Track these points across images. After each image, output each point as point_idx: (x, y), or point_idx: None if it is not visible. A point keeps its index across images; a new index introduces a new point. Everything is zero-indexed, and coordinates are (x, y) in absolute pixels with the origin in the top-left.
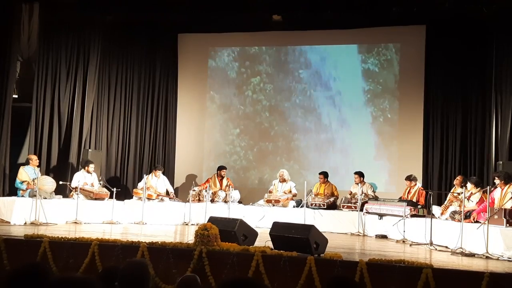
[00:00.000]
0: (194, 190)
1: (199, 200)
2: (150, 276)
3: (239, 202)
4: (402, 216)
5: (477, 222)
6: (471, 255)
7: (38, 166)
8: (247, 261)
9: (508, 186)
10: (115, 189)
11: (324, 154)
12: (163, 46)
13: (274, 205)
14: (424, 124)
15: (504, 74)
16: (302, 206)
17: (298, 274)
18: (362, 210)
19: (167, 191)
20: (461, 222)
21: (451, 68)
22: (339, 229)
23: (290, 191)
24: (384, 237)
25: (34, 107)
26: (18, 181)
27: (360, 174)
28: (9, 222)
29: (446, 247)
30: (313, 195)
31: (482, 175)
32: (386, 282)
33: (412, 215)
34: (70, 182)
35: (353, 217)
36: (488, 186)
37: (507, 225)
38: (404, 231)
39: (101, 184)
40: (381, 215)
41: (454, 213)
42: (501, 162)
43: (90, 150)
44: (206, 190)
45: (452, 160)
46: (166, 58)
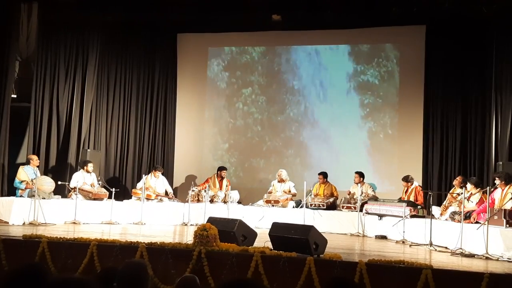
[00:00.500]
0: (193, 191)
1: (198, 200)
2: (149, 276)
3: (239, 203)
4: (401, 216)
5: (477, 222)
6: (471, 256)
7: (37, 166)
8: (246, 261)
9: (508, 186)
10: (114, 189)
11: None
12: (162, 46)
13: (273, 205)
14: (424, 124)
15: (504, 74)
16: (301, 207)
17: (297, 275)
18: (361, 210)
19: (166, 192)
20: (461, 222)
21: (451, 68)
22: (339, 229)
23: (290, 191)
24: (383, 237)
25: (33, 107)
26: (17, 181)
27: (360, 174)
28: (7, 222)
29: (446, 248)
30: (312, 196)
31: (482, 176)
32: (385, 283)
33: (411, 216)
34: (69, 182)
35: (352, 217)
36: (488, 187)
37: (507, 225)
38: (403, 232)
39: (100, 184)
40: (380, 216)
41: (454, 213)
42: (501, 163)
43: (89, 150)
44: (205, 190)
45: (452, 160)
46: (165, 58)
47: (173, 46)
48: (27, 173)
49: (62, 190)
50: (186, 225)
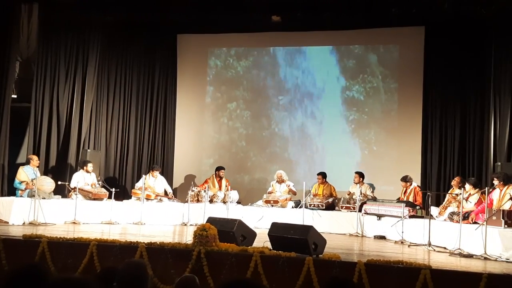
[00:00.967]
0: (193, 191)
1: (198, 200)
2: (148, 276)
3: (238, 203)
4: (400, 217)
5: (475, 223)
6: (469, 256)
7: (37, 167)
8: (246, 261)
9: (506, 187)
10: (114, 189)
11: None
12: (162, 47)
13: (272, 205)
14: (422, 124)
15: (502, 75)
16: (300, 207)
17: (296, 275)
18: (360, 210)
19: (165, 191)
20: (459, 223)
21: (450, 69)
22: (338, 229)
23: (290, 190)
24: (382, 237)
25: (33, 107)
26: (17, 181)
27: (360, 174)
28: (7, 222)
29: (445, 248)
30: (311, 196)
31: (481, 176)
32: (384, 283)
33: (410, 216)
34: (69, 182)
35: (351, 217)
36: (486, 187)
37: (506, 226)
38: (402, 232)
39: (100, 184)
40: (379, 216)
41: (453, 214)
42: (499, 163)
43: (89, 150)
44: (205, 191)
45: (450, 161)
46: (165, 58)
47: (173, 47)
48: (27, 173)
49: (62, 190)
50: (185, 225)
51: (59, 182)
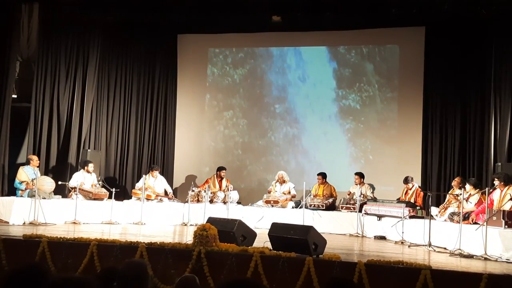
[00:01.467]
0: (193, 191)
1: (198, 200)
2: (148, 276)
3: (238, 203)
4: (400, 217)
5: (475, 223)
6: (470, 257)
7: (37, 167)
8: (246, 261)
9: (507, 187)
10: (114, 189)
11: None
12: (163, 47)
13: (273, 205)
14: (423, 125)
15: (503, 75)
16: (301, 207)
17: (296, 275)
18: (361, 211)
19: (165, 191)
20: (459, 223)
21: (450, 69)
22: (338, 230)
23: (289, 192)
24: (382, 238)
25: (33, 107)
26: (17, 181)
27: (360, 175)
28: (8, 222)
29: (445, 249)
30: (311, 196)
31: (481, 177)
32: (384, 283)
33: (410, 216)
34: (69, 182)
35: (351, 218)
36: (487, 188)
37: (506, 226)
38: (402, 232)
39: (100, 184)
40: (379, 216)
41: (453, 214)
42: (499, 164)
43: (89, 150)
44: (205, 191)
45: (451, 161)
46: (165, 58)
47: (173, 47)
48: (27, 173)
49: (62, 190)
50: (185, 225)
51: (59, 182)
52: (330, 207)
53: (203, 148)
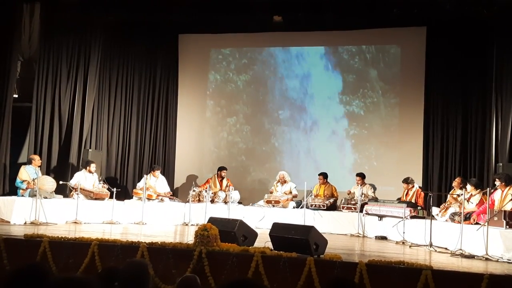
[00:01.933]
0: (194, 191)
1: (199, 200)
2: (150, 276)
3: (239, 203)
4: (401, 217)
5: (477, 223)
6: (471, 257)
7: (39, 166)
8: (247, 261)
9: (508, 188)
10: (115, 189)
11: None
12: (164, 47)
13: (274, 205)
14: (424, 125)
15: (504, 75)
16: (302, 207)
17: (297, 275)
18: (362, 211)
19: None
20: (460, 223)
21: (452, 69)
22: (339, 230)
23: (291, 192)
24: (383, 238)
25: (35, 107)
26: (18, 180)
27: (362, 176)
28: (9, 222)
29: (446, 249)
30: (313, 196)
31: (482, 177)
32: (385, 283)
33: (411, 217)
34: (70, 181)
35: (353, 218)
36: (488, 188)
37: (507, 227)
38: (403, 233)
39: (101, 183)
40: (380, 216)
41: (454, 214)
42: (501, 164)
43: (90, 150)
44: (206, 191)
45: (452, 161)
46: (166, 58)
47: (174, 47)
48: (29, 172)
49: (63, 190)
50: (187, 225)
51: (61, 182)
52: (331, 207)
53: (205, 152)
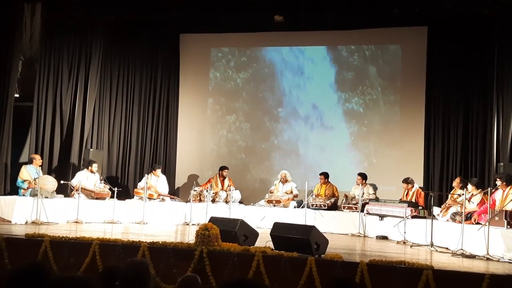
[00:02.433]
0: (195, 190)
1: (200, 200)
2: (151, 275)
3: (240, 202)
4: (402, 217)
5: (478, 223)
6: (472, 257)
7: (40, 166)
8: (248, 261)
9: (509, 187)
10: (116, 188)
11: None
12: (165, 46)
13: (275, 205)
14: (425, 125)
15: (506, 75)
16: (303, 207)
17: (298, 275)
18: (362, 211)
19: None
20: (461, 223)
21: (453, 69)
22: (340, 229)
23: (291, 192)
24: (384, 238)
25: (36, 107)
26: (19, 180)
27: (363, 176)
28: (10, 221)
29: (447, 249)
30: (314, 196)
31: (483, 177)
32: (386, 283)
33: (412, 216)
34: (72, 181)
35: (353, 218)
36: (489, 188)
37: (508, 226)
38: (404, 232)
39: (103, 183)
40: (381, 216)
41: (455, 214)
42: (502, 164)
43: (91, 149)
44: (207, 190)
45: (453, 161)
46: (167, 58)
47: (175, 46)
48: (30, 172)
49: (64, 190)
50: (188, 224)
51: (62, 182)
52: (332, 207)
53: (206, 152)
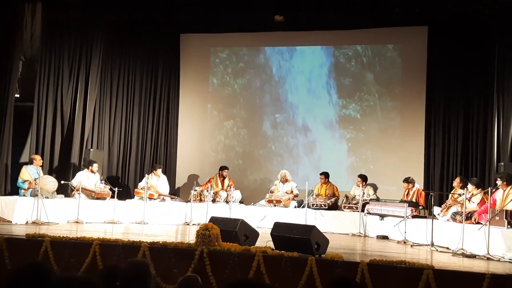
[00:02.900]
0: (195, 190)
1: (201, 200)
2: (151, 276)
3: (241, 202)
4: (403, 217)
5: (478, 223)
6: (472, 256)
7: (40, 166)
8: (248, 261)
9: (510, 187)
10: (117, 188)
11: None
12: (165, 46)
13: (275, 205)
14: (425, 124)
15: (506, 75)
16: (303, 207)
17: (299, 275)
18: (363, 210)
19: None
20: (462, 223)
21: (453, 69)
22: (340, 229)
23: (292, 192)
24: (385, 237)
25: (36, 107)
26: (20, 180)
27: (363, 178)
28: (10, 222)
29: (447, 248)
30: (314, 196)
31: (484, 176)
32: (387, 283)
33: (413, 216)
34: (72, 181)
35: (354, 217)
36: (489, 187)
37: (509, 226)
38: (405, 232)
39: (103, 183)
40: (382, 216)
41: (455, 214)
42: (502, 163)
43: (92, 149)
44: (207, 190)
45: (453, 161)
46: (168, 58)
47: (176, 46)
48: (30, 172)
49: (65, 190)
50: (188, 224)
51: (62, 182)
52: (333, 207)
53: (207, 153)
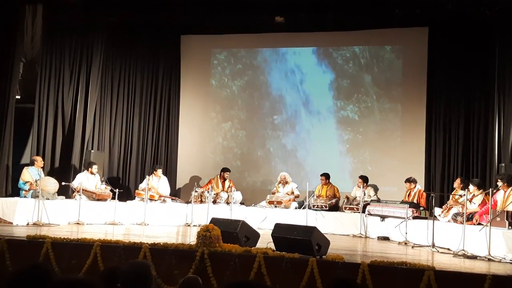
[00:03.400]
0: (196, 191)
1: (201, 201)
2: (152, 277)
3: (241, 204)
4: (404, 218)
5: (479, 224)
6: (473, 257)
7: (41, 167)
8: (249, 262)
9: (511, 188)
10: (118, 190)
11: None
12: (166, 48)
13: (276, 206)
14: (426, 125)
15: (507, 75)
16: (304, 208)
17: (300, 276)
18: (364, 211)
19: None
20: (463, 224)
21: (454, 69)
22: (341, 230)
23: (293, 193)
24: (386, 239)
25: (37, 108)
26: (21, 181)
27: (364, 179)
28: (11, 223)
29: (448, 249)
30: (315, 197)
31: (485, 177)
32: (388, 284)
33: (414, 217)
34: (72, 182)
35: (355, 218)
36: (490, 188)
37: (510, 227)
38: (406, 233)
39: (104, 184)
40: (383, 217)
41: (456, 215)
42: (503, 164)
43: (92, 151)
44: (208, 191)
45: (454, 162)
46: (168, 59)
47: (176, 48)
48: (31, 174)
49: (66, 191)
50: (189, 225)
51: (63, 183)
52: (333, 208)
53: (207, 155)
